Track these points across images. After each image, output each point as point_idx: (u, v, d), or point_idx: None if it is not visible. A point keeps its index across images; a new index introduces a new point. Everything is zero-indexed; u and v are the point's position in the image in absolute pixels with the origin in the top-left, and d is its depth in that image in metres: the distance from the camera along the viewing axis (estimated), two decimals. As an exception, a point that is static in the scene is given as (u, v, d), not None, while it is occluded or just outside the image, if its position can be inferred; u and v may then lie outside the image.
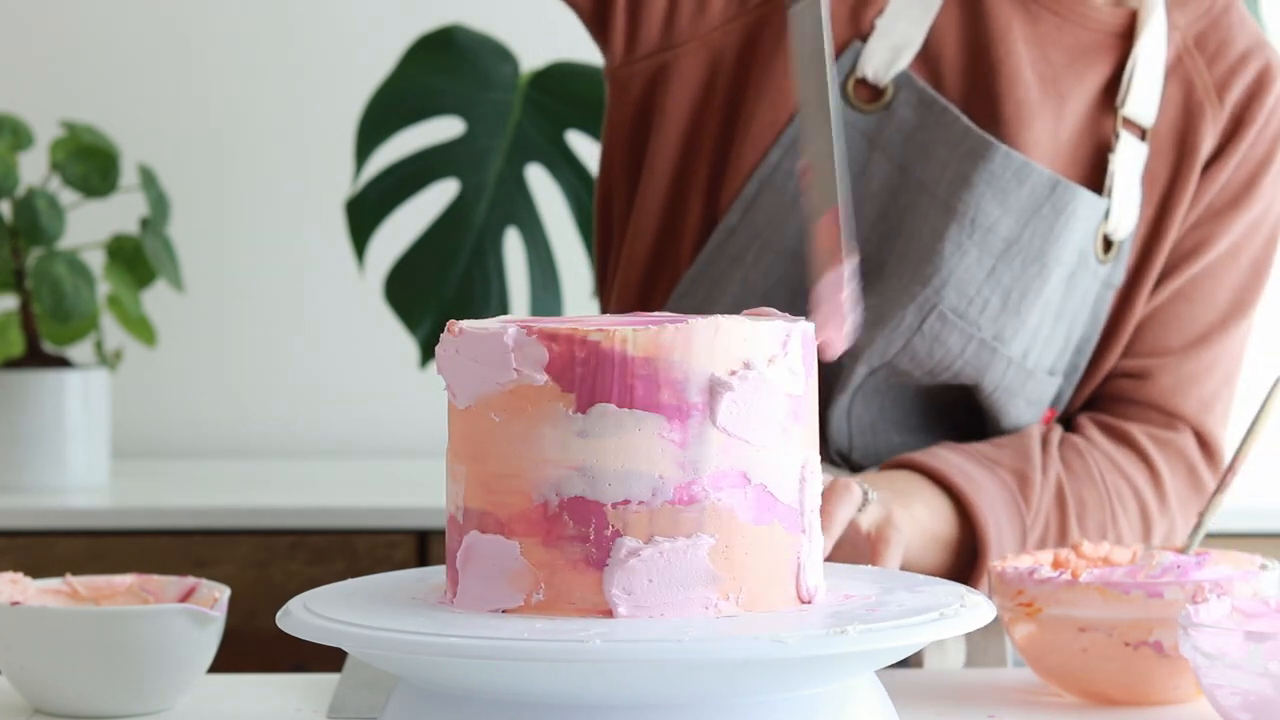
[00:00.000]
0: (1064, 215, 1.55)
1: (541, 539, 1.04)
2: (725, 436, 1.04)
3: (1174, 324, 1.62)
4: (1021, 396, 1.58)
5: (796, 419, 1.06)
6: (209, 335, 2.92)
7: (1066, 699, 1.36)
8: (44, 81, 2.89)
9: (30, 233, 2.44)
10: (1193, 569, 1.33)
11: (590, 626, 1.01)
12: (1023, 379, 1.57)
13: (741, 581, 1.04)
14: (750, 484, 1.04)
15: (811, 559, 1.08)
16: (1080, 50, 1.59)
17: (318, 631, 1.04)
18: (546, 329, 1.04)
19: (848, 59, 1.57)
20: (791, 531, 1.06)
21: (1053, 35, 1.59)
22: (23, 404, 2.46)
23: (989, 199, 1.54)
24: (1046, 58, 1.58)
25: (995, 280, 1.54)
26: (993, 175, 1.54)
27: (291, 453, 2.91)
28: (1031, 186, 1.55)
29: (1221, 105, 1.60)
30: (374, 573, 1.47)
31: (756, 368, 1.04)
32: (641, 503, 1.03)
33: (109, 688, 1.30)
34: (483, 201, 2.53)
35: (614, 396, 1.03)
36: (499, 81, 2.55)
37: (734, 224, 1.58)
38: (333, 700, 1.35)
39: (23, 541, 2.35)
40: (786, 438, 1.06)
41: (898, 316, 1.54)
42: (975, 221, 1.54)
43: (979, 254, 1.54)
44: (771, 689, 1.02)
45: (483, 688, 1.02)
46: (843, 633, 1.00)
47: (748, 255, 1.58)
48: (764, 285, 1.58)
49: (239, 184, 2.92)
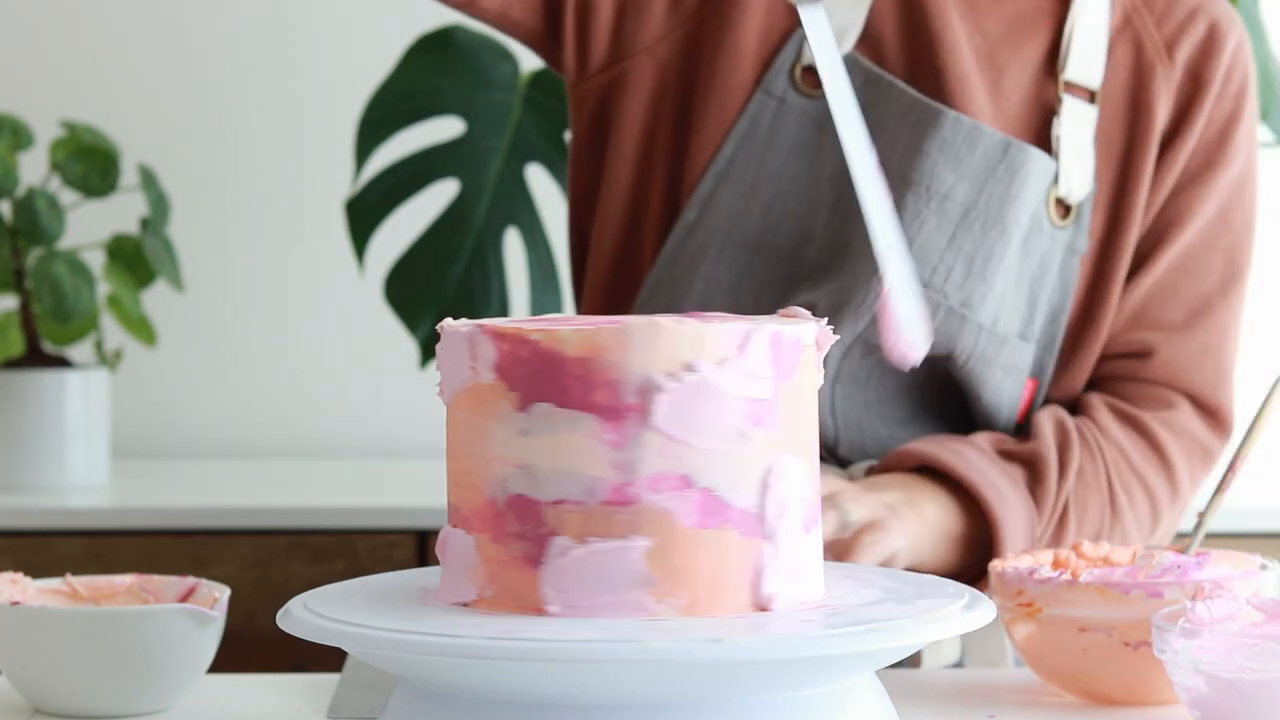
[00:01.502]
0: (1019, 176, 1.56)
1: (492, 535, 1.06)
2: (663, 439, 1.03)
3: (1173, 297, 1.62)
4: (997, 364, 1.57)
5: (759, 423, 1.04)
6: (209, 335, 2.92)
7: (1066, 699, 1.36)
8: (44, 81, 2.89)
9: (30, 233, 2.44)
10: (1193, 569, 1.33)
11: (525, 625, 1.01)
12: (996, 346, 1.57)
13: (681, 585, 1.04)
14: (693, 487, 1.03)
15: (776, 565, 1.05)
16: (1018, 20, 1.60)
17: (318, 631, 1.04)
18: (497, 328, 1.05)
19: (792, 47, 1.59)
20: (748, 537, 1.05)
21: (987, 6, 1.60)
22: (23, 404, 2.47)
23: (942, 165, 1.55)
24: (982, 30, 1.60)
25: (956, 247, 1.55)
26: (944, 142, 1.55)
27: (291, 453, 2.91)
28: (984, 149, 1.55)
29: (1172, 64, 1.61)
30: (374, 573, 1.47)
31: (701, 370, 1.03)
32: (577, 503, 1.03)
33: (109, 688, 1.30)
34: (483, 201, 2.53)
35: (553, 396, 1.04)
36: (499, 81, 2.55)
37: (692, 220, 1.59)
38: (333, 700, 1.35)
39: (23, 541, 2.35)
40: (744, 442, 1.04)
41: (863, 293, 1.54)
42: (931, 189, 1.54)
43: (938, 221, 1.54)
44: (771, 689, 1.02)
45: (483, 688, 1.02)
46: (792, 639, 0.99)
47: (710, 250, 1.58)
48: (729, 280, 1.58)
49: (239, 184, 2.92)
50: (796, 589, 1.07)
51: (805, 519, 1.07)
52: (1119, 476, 1.58)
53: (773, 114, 1.58)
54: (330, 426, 2.92)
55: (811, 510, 1.08)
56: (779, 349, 1.06)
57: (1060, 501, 1.55)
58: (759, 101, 1.58)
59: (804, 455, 1.07)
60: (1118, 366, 1.63)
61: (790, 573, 1.06)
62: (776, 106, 1.58)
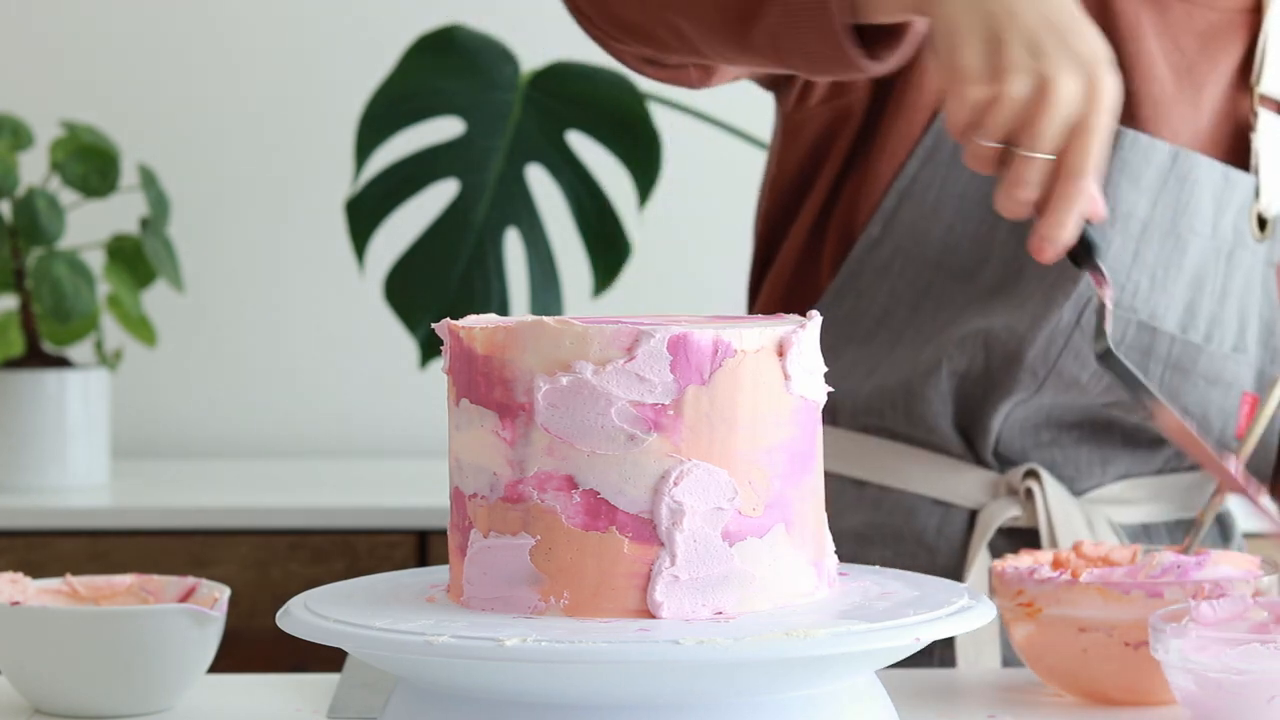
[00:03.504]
0: (1187, 184, 1.55)
1: (453, 524, 1.10)
2: (550, 438, 1.04)
3: None
4: (1196, 374, 1.57)
5: (654, 427, 1.03)
6: (209, 335, 2.92)
7: (1066, 699, 1.36)
8: (44, 81, 2.89)
9: (30, 233, 2.44)
10: (1193, 569, 1.33)
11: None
12: (1192, 355, 1.56)
13: (565, 585, 1.04)
14: (578, 488, 1.04)
15: (671, 572, 1.03)
16: (1211, 33, 1.59)
17: (318, 631, 1.04)
18: (451, 325, 1.09)
19: None
20: (639, 542, 1.04)
21: (1183, 22, 1.59)
22: (23, 404, 2.47)
23: (1124, 185, 1.54)
24: (1179, 47, 1.58)
25: (1140, 262, 1.54)
26: (1124, 162, 1.54)
27: (291, 453, 2.91)
28: (1157, 163, 1.54)
29: None
30: (374, 573, 1.47)
31: (580, 371, 1.03)
32: (484, 497, 1.06)
33: (109, 688, 1.30)
34: (483, 201, 2.53)
35: (470, 392, 1.07)
36: (499, 81, 2.55)
37: (876, 235, 1.58)
38: (333, 700, 1.35)
39: (23, 541, 2.35)
40: (636, 445, 1.03)
41: (1055, 316, 1.53)
42: (1115, 210, 1.53)
43: (1122, 240, 1.54)
44: (771, 689, 1.02)
45: (483, 688, 1.02)
46: (677, 643, 0.98)
47: (894, 266, 1.58)
48: (911, 295, 1.57)
49: (239, 184, 2.92)
50: (698, 599, 1.04)
51: (731, 529, 1.05)
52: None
53: (950, 151, 1.56)
54: (330, 426, 2.92)
55: (749, 522, 1.05)
56: (684, 352, 1.04)
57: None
58: (937, 134, 1.58)
59: (726, 462, 1.04)
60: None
61: (693, 583, 1.04)
62: (956, 145, 1.57)
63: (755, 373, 1.05)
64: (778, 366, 1.06)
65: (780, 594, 1.06)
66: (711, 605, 1.04)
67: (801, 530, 1.08)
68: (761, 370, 1.05)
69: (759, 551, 1.06)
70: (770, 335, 1.06)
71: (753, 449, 1.05)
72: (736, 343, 1.04)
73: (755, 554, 1.05)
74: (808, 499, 1.09)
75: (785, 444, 1.06)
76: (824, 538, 1.11)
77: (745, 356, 1.05)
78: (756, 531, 1.06)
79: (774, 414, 1.06)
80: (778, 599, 1.06)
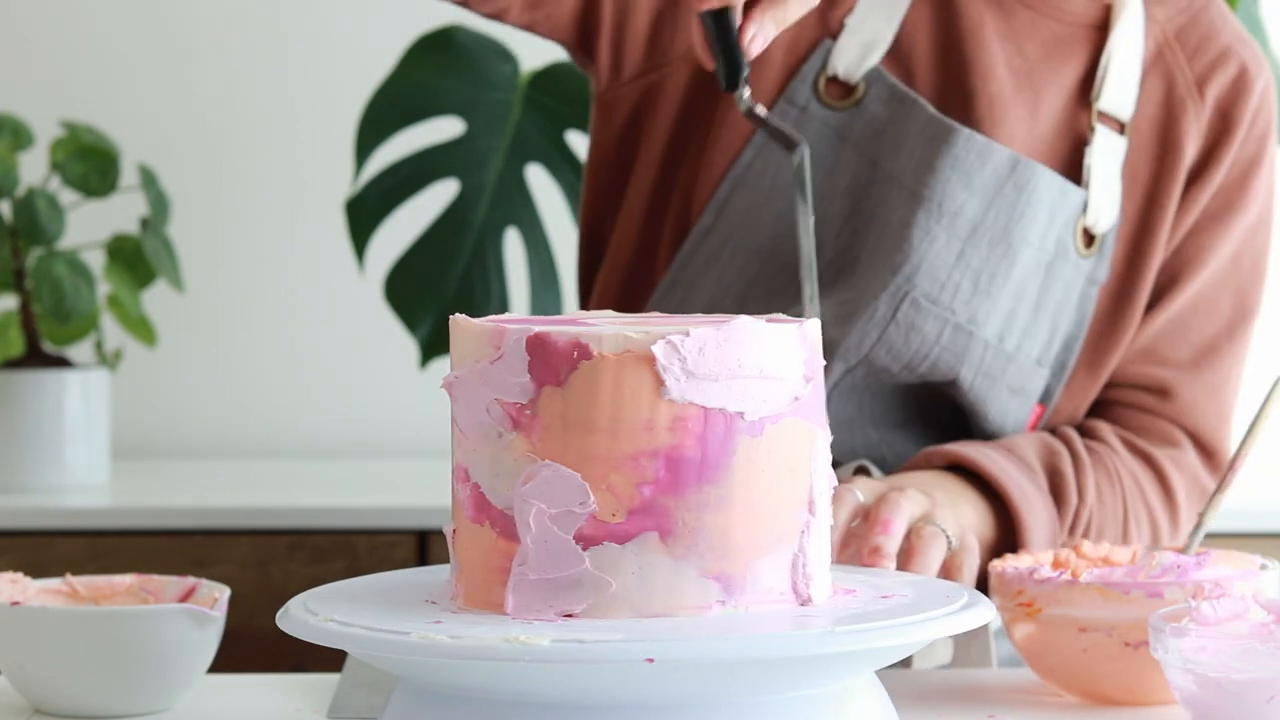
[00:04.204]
0: (1025, 193, 1.55)
1: None
2: (458, 432, 1.07)
3: (1183, 335, 1.62)
4: (1003, 384, 1.57)
5: (516, 426, 1.04)
6: (209, 335, 2.92)
7: (1066, 699, 1.36)
8: (44, 81, 2.89)
9: (30, 233, 2.44)
10: (1193, 569, 1.33)
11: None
12: (1002, 363, 1.57)
13: (463, 574, 1.08)
14: (469, 481, 1.07)
15: (522, 570, 1.03)
16: (1055, 44, 1.60)
17: (318, 631, 1.04)
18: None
19: (818, 57, 1.58)
20: (505, 539, 1.05)
21: (1027, 29, 1.60)
22: (23, 404, 2.47)
23: (954, 182, 1.54)
24: (1021, 52, 1.59)
25: (964, 263, 1.55)
26: (956, 159, 1.55)
27: (291, 453, 2.91)
28: (994, 166, 1.55)
29: (1203, 101, 1.61)
30: (374, 573, 1.47)
31: (465, 367, 1.06)
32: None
33: (109, 688, 1.30)
34: (483, 201, 2.53)
35: None
36: (499, 81, 2.55)
37: (708, 225, 1.59)
38: (333, 700, 1.35)
39: (23, 541, 2.35)
40: (502, 443, 1.04)
41: (871, 307, 1.54)
42: (942, 206, 1.54)
43: (947, 238, 1.54)
44: (771, 689, 1.02)
45: (483, 688, 1.02)
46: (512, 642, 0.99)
47: (722, 255, 1.58)
48: (739, 285, 1.58)
49: (239, 184, 2.92)
50: (545, 600, 1.03)
51: (586, 533, 1.03)
52: (1133, 507, 1.59)
53: (794, 122, 1.58)
54: (330, 426, 2.92)
55: (606, 528, 1.03)
56: (544, 354, 1.03)
57: (1081, 523, 1.56)
58: (781, 109, 1.58)
59: (580, 465, 1.02)
60: (1130, 397, 1.63)
61: (542, 584, 1.03)
62: (798, 115, 1.58)
63: (617, 377, 1.03)
64: (648, 371, 1.03)
65: (653, 604, 1.03)
66: (559, 608, 1.03)
67: (689, 541, 1.03)
68: (625, 375, 1.03)
69: (619, 558, 1.03)
70: (638, 339, 1.03)
71: (613, 454, 1.03)
72: (595, 345, 1.02)
73: (614, 560, 1.03)
74: (707, 509, 1.03)
75: (662, 451, 1.03)
76: (750, 550, 1.05)
77: (605, 360, 1.03)
78: (617, 538, 1.03)
79: (641, 420, 1.03)
80: (647, 609, 1.03)
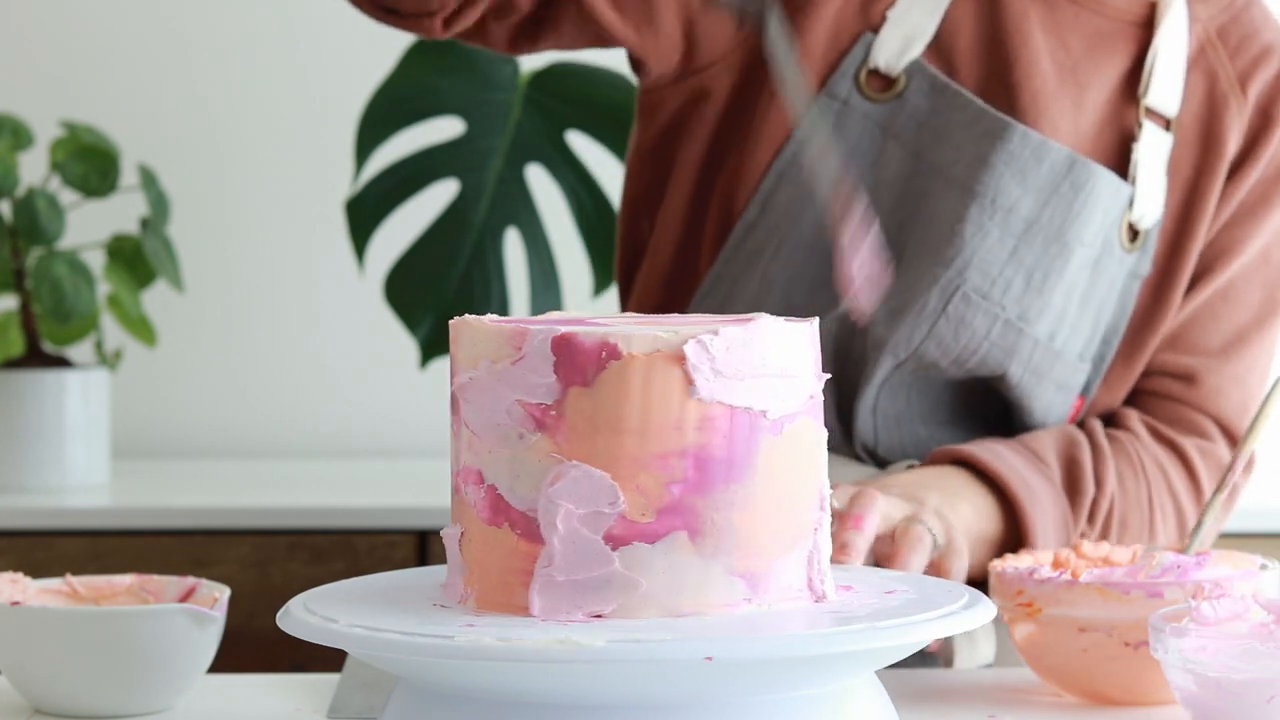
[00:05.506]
0: (1083, 193, 1.56)
1: None
2: (469, 433, 1.06)
3: (1212, 324, 1.63)
4: (1050, 380, 1.58)
5: (539, 427, 1.03)
6: (209, 335, 2.92)
7: (1066, 699, 1.36)
8: (44, 81, 2.89)
9: (30, 233, 2.44)
10: (1193, 569, 1.33)
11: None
12: (1050, 360, 1.57)
13: (476, 577, 1.07)
14: (484, 483, 1.06)
15: (548, 572, 1.03)
16: (1099, 39, 1.60)
17: (318, 631, 1.04)
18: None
19: (859, 50, 1.58)
20: (527, 540, 1.04)
21: (1070, 23, 1.60)
22: (23, 404, 2.47)
23: (1009, 179, 1.54)
24: (1065, 46, 1.59)
25: (1018, 260, 1.55)
26: (1011, 155, 1.54)
27: (291, 453, 2.91)
28: (1050, 165, 1.55)
29: (1245, 98, 1.61)
30: (374, 573, 1.47)
31: (481, 368, 1.05)
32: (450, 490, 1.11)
33: (109, 688, 1.30)
34: (483, 201, 2.53)
35: None
36: (499, 81, 2.55)
37: (752, 219, 1.59)
38: (333, 700, 1.35)
39: (23, 541, 2.35)
40: (524, 444, 1.04)
41: (921, 301, 1.54)
42: (996, 202, 1.54)
43: (1000, 234, 1.54)
44: (770, 689, 1.02)
45: (483, 688, 1.02)
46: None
47: (766, 249, 1.58)
48: (783, 279, 1.58)
49: (239, 184, 2.92)
50: (574, 601, 1.03)
51: (616, 533, 1.03)
52: (1157, 495, 1.59)
53: (835, 116, 1.58)
54: (330, 426, 2.92)
55: (636, 527, 1.03)
56: (570, 354, 1.03)
57: (1100, 512, 1.56)
58: (822, 103, 1.58)
59: (609, 465, 1.02)
60: (1157, 384, 1.64)
61: (570, 585, 1.03)
62: (840, 109, 1.58)
63: (646, 377, 1.03)
64: (678, 371, 1.03)
65: (681, 603, 1.03)
66: (588, 608, 1.03)
67: (717, 539, 1.03)
68: (654, 375, 1.03)
69: (649, 558, 1.03)
70: (667, 338, 1.03)
71: (642, 454, 1.03)
72: (624, 345, 1.02)
73: (644, 560, 1.03)
74: (734, 508, 1.04)
75: (690, 450, 1.03)
76: (773, 548, 1.06)
77: (634, 360, 1.03)
78: (646, 537, 1.03)
79: (671, 420, 1.03)
80: (676, 608, 1.03)
